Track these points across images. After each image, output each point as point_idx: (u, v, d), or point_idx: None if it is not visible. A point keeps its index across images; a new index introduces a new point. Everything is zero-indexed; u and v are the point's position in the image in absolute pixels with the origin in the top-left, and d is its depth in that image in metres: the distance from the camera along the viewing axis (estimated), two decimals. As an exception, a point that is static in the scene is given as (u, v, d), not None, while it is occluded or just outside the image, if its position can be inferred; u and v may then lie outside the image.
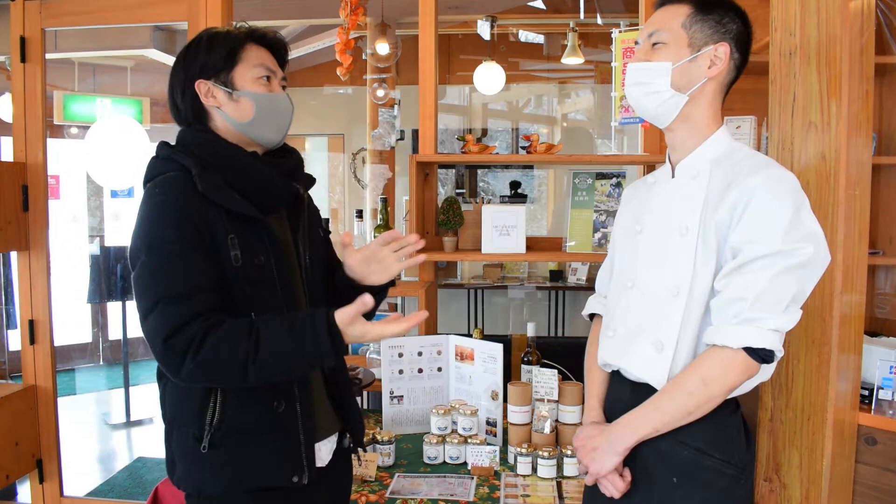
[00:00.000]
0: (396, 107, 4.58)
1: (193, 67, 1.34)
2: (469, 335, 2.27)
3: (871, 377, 2.08)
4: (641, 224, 1.37)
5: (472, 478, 1.90)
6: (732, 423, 1.29)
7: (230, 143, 1.34)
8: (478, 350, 2.16)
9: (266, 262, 1.30)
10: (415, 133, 5.24)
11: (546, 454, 1.88)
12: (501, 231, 2.46)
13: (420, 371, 2.23)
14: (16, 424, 2.59)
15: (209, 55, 1.33)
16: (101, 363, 6.15)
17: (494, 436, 2.11)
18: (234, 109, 1.34)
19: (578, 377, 2.16)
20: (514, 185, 6.04)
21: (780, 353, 1.20)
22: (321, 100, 6.34)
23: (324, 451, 1.41)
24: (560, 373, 2.13)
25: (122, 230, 5.09)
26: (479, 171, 6.25)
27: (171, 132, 1.39)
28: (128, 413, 4.70)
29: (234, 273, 1.25)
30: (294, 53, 1.47)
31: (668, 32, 1.28)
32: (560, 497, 1.79)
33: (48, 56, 2.66)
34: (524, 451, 1.91)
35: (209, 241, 1.24)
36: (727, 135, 1.32)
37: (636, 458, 1.29)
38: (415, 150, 5.38)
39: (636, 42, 1.36)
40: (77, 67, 5.15)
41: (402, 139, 5.02)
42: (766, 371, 1.26)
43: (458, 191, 6.20)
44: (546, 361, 2.25)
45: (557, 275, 5.20)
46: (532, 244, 2.57)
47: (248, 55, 1.35)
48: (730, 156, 1.29)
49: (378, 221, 2.55)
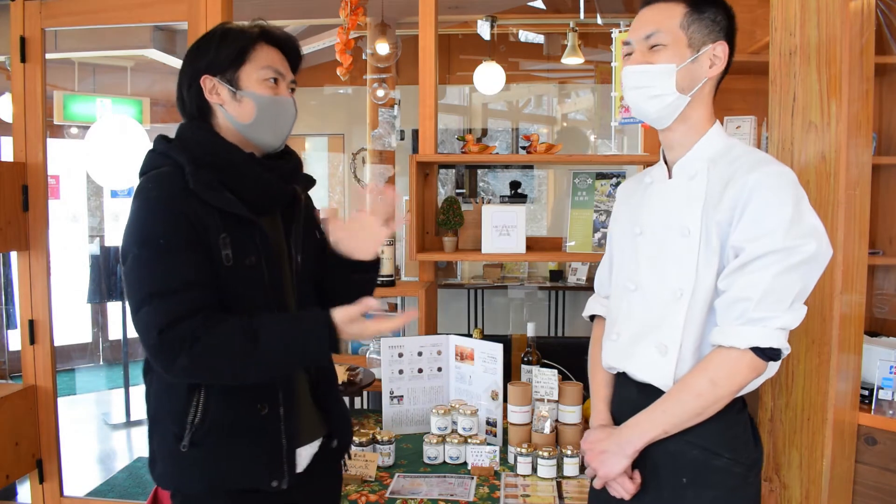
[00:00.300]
0: (396, 107, 4.58)
1: (202, 62, 1.32)
2: (469, 335, 2.27)
3: (871, 377, 2.08)
4: (641, 226, 1.36)
5: (472, 478, 1.90)
6: (740, 422, 1.29)
7: (227, 142, 1.32)
8: (478, 350, 2.16)
9: (257, 264, 1.28)
10: (415, 133, 5.24)
11: (546, 454, 1.88)
12: (501, 231, 2.46)
13: (420, 371, 2.23)
14: (16, 424, 2.59)
15: (219, 51, 1.31)
16: (101, 363, 6.14)
17: (494, 436, 2.11)
18: (236, 109, 1.32)
19: (578, 377, 2.16)
20: (514, 185, 6.04)
21: (787, 351, 1.20)
22: (321, 100, 6.34)
23: (303, 457, 1.39)
24: (560, 373, 2.12)
25: (123, 230, 5.09)
26: (479, 171, 6.24)
27: (172, 132, 1.38)
28: (128, 413, 4.70)
29: (226, 272, 1.24)
30: (299, 68, 1.45)
31: (667, 33, 1.25)
32: (560, 497, 1.79)
33: (48, 56, 2.66)
34: (524, 451, 1.91)
35: (203, 238, 1.23)
36: (721, 132, 1.31)
37: (645, 460, 1.29)
38: (415, 150, 5.38)
39: (626, 43, 1.32)
40: (77, 67, 5.15)
41: (403, 139, 5.02)
42: (773, 368, 1.26)
43: (458, 191, 6.20)
44: (546, 361, 2.25)
45: (557, 275, 5.20)
46: (532, 244, 2.57)
47: (258, 55, 1.33)
48: (726, 153, 1.28)
49: (378, 221, 2.55)
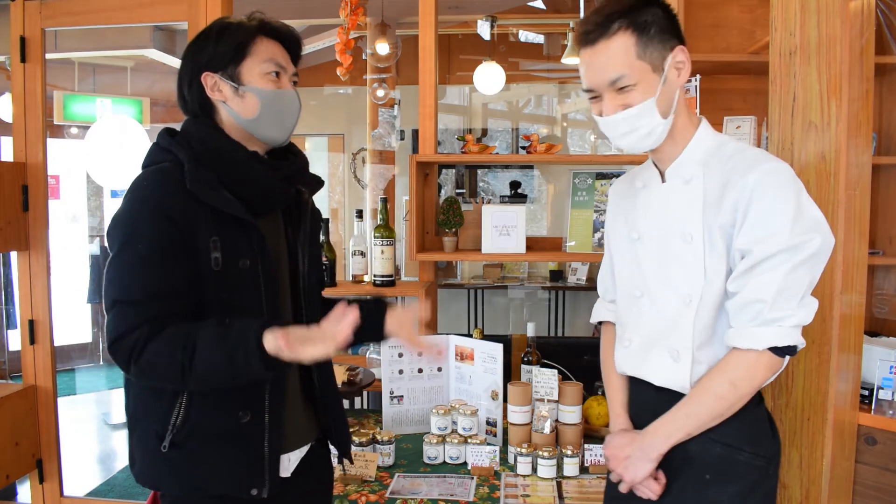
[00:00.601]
0: (396, 107, 4.58)
1: (201, 58, 1.30)
2: (469, 335, 2.27)
3: (871, 377, 2.08)
4: (638, 231, 1.36)
5: (472, 478, 1.90)
6: (759, 416, 1.30)
7: (230, 140, 1.30)
8: (478, 350, 2.16)
9: (252, 266, 1.26)
10: (415, 133, 5.24)
11: (546, 454, 1.88)
12: (501, 231, 2.46)
13: (420, 371, 2.23)
14: (16, 424, 2.59)
15: (217, 47, 1.29)
16: (101, 363, 6.14)
17: (494, 436, 2.11)
18: (239, 105, 1.30)
19: (578, 377, 2.16)
20: (514, 185, 6.04)
21: (802, 345, 1.22)
22: (321, 100, 6.34)
23: (291, 461, 1.37)
24: (560, 373, 2.12)
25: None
26: (479, 171, 6.24)
27: (172, 133, 1.38)
28: (128, 413, 4.70)
29: (213, 277, 1.22)
30: (300, 60, 1.44)
31: (630, 70, 1.19)
32: (560, 497, 1.79)
33: (48, 56, 2.66)
34: (524, 451, 1.91)
35: (188, 243, 1.20)
36: (708, 130, 1.30)
37: (667, 458, 1.29)
38: (415, 150, 5.38)
39: (589, 90, 1.24)
40: (77, 67, 5.15)
41: (403, 139, 5.02)
42: (785, 361, 1.27)
43: (458, 191, 6.20)
44: (546, 361, 2.25)
45: (557, 275, 5.20)
46: (532, 244, 2.57)
47: (258, 49, 1.30)
48: (717, 152, 1.26)
49: (378, 221, 2.55)
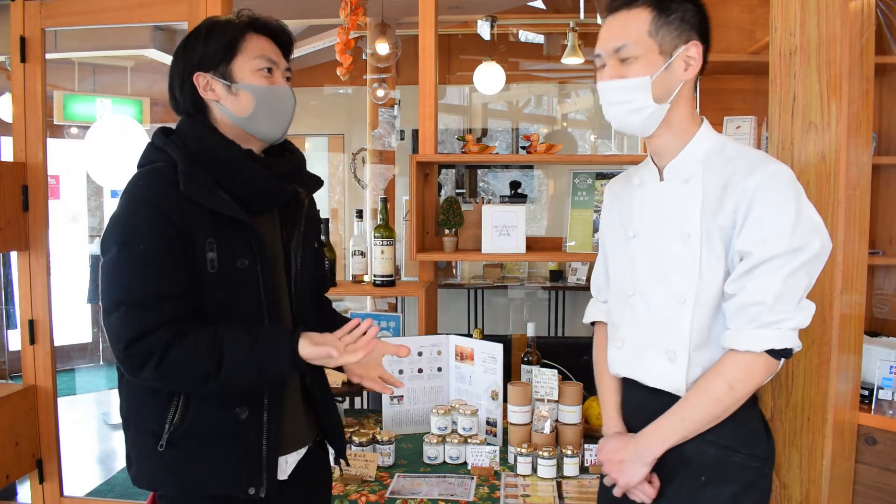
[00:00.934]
0: (396, 107, 4.58)
1: (192, 58, 1.29)
2: (469, 335, 2.27)
3: (871, 377, 2.08)
4: (633, 229, 1.35)
5: (472, 478, 1.90)
6: (753, 417, 1.30)
7: (224, 139, 1.28)
8: (478, 350, 2.16)
9: (250, 266, 1.25)
10: (415, 133, 5.24)
11: (546, 454, 1.88)
12: (501, 231, 2.46)
13: (420, 371, 2.23)
14: (16, 424, 2.59)
15: (207, 46, 1.27)
16: (101, 363, 6.14)
17: (494, 436, 2.11)
18: (233, 103, 1.29)
19: (578, 377, 2.16)
20: (514, 185, 6.04)
21: (798, 348, 1.22)
22: (321, 100, 6.34)
23: (288, 464, 1.37)
24: (560, 373, 2.12)
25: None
26: (479, 171, 6.24)
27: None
28: (128, 413, 4.70)
29: (209, 278, 1.21)
30: (294, 53, 1.42)
31: (637, 44, 1.21)
32: (560, 497, 1.79)
33: (48, 56, 2.66)
34: (524, 451, 1.91)
35: (187, 244, 1.19)
36: (710, 131, 1.30)
37: (662, 461, 1.28)
38: (415, 150, 5.38)
39: (596, 55, 1.28)
40: (77, 67, 5.15)
41: (403, 139, 5.02)
42: (780, 365, 1.27)
43: (458, 191, 6.20)
44: (546, 361, 2.24)
45: (557, 275, 5.20)
46: (532, 244, 2.57)
47: (249, 45, 1.29)
48: (719, 153, 1.26)
49: (378, 221, 2.55)
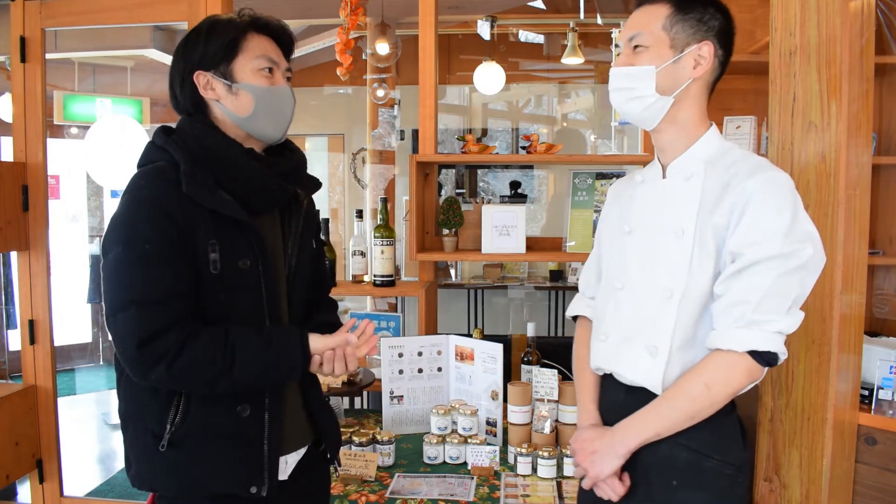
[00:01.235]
0: (396, 107, 4.58)
1: (193, 57, 1.28)
2: (469, 335, 2.27)
3: (871, 377, 2.08)
4: (630, 224, 1.35)
5: (472, 478, 1.90)
6: (730, 423, 1.29)
7: (226, 138, 1.28)
8: (478, 350, 2.16)
9: (252, 266, 1.25)
10: (415, 133, 5.24)
11: (546, 454, 1.88)
12: (501, 231, 2.46)
13: (420, 371, 2.23)
14: (16, 424, 2.59)
15: (208, 45, 1.27)
16: (101, 363, 6.14)
17: (494, 436, 2.11)
18: (234, 103, 1.28)
19: (578, 377, 2.16)
20: (514, 185, 6.04)
21: (784, 356, 1.20)
22: (321, 100, 6.34)
23: (289, 464, 1.37)
24: (560, 373, 2.12)
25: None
26: (479, 171, 6.25)
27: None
28: (128, 413, 4.70)
29: (210, 279, 1.22)
30: (294, 53, 1.42)
31: (649, 35, 1.25)
32: (560, 497, 1.79)
33: (48, 56, 2.66)
34: (524, 451, 1.91)
35: (188, 243, 1.20)
36: (717, 135, 1.31)
37: (634, 462, 1.28)
38: (415, 150, 5.38)
39: (616, 45, 1.34)
40: (77, 67, 5.15)
41: (403, 139, 5.02)
42: (763, 372, 1.26)
43: (458, 191, 6.20)
44: (546, 361, 2.24)
45: (557, 275, 5.20)
46: (532, 244, 2.57)
47: (250, 45, 1.29)
48: (722, 157, 1.27)
49: (378, 221, 2.55)
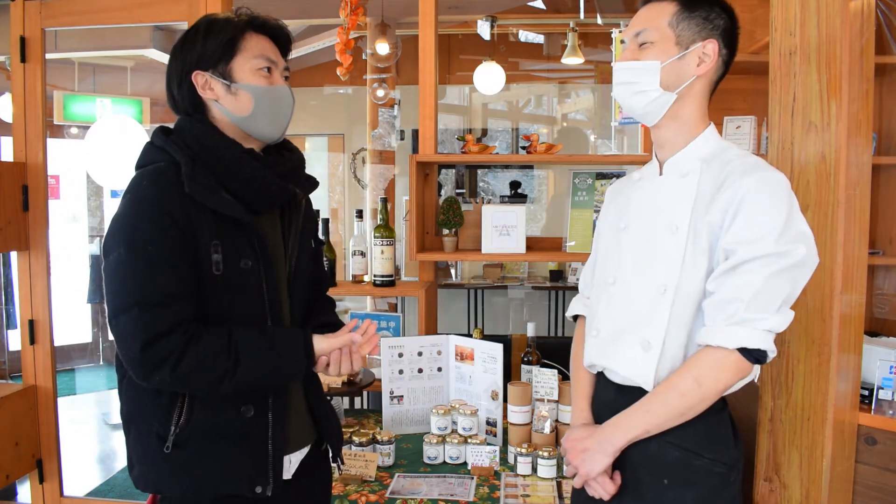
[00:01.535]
0: (396, 107, 4.58)
1: (191, 57, 1.28)
2: (469, 335, 2.27)
3: (871, 377, 2.08)
4: (626, 221, 1.36)
5: (472, 478, 1.90)
6: (721, 422, 1.29)
7: (225, 138, 1.28)
8: (478, 350, 2.16)
9: (254, 267, 1.25)
10: (415, 133, 5.24)
11: (546, 454, 1.88)
12: (501, 231, 2.46)
13: (420, 371, 2.23)
14: (16, 424, 2.59)
15: (206, 44, 1.26)
16: (101, 363, 6.15)
17: (494, 436, 2.11)
18: (232, 103, 1.28)
19: (578, 377, 2.16)
20: (514, 185, 6.04)
21: (773, 354, 1.20)
22: (321, 100, 6.34)
23: (292, 463, 1.37)
24: (560, 373, 2.12)
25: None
26: (479, 171, 6.25)
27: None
28: (128, 413, 4.70)
29: (213, 280, 1.22)
30: (294, 53, 1.41)
31: (655, 31, 1.27)
32: (560, 497, 1.79)
33: (48, 56, 2.66)
34: (524, 451, 1.91)
35: (189, 244, 1.20)
36: (716, 134, 1.32)
37: (625, 461, 1.28)
38: (415, 150, 5.38)
39: (622, 41, 1.34)
40: (77, 67, 5.15)
41: (403, 139, 5.02)
42: (755, 371, 1.26)
43: (458, 191, 6.20)
44: (546, 361, 2.24)
45: (557, 275, 5.20)
46: (532, 244, 2.57)
47: (248, 45, 1.28)
48: (719, 155, 1.28)
49: (378, 221, 2.55)
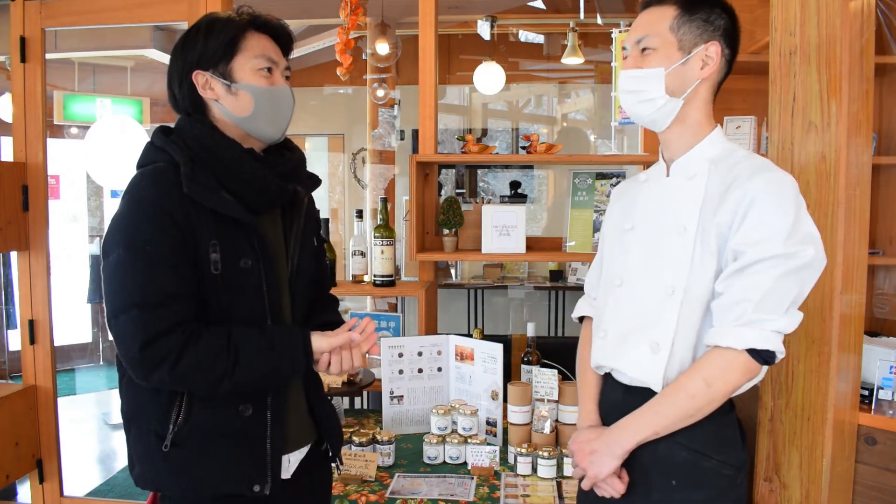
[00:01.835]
0: (396, 107, 4.58)
1: (191, 56, 1.27)
2: (469, 335, 2.27)
3: (871, 377, 2.08)
4: (632, 222, 1.36)
5: (472, 478, 1.90)
6: (728, 424, 1.29)
7: (226, 138, 1.27)
8: (478, 350, 2.16)
9: (253, 266, 1.25)
10: (415, 133, 5.24)
11: (546, 454, 1.88)
12: (501, 231, 2.46)
13: (420, 371, 2.23)
14: (16, 424, 2.59)
15: (207, 44, 1.26)
16: (101, 363, 6.14)
17: (494, 436, 2.11)
18: (233, 103, 1.28)
19: (578, 377, 2.16)
20: (514, 185, 6.04)
21: (782, 355, 1.20)
22: (321, 100, 6.34)
23: (291, 463, 1.37)
24: (560, 373, 2.12)
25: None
26: (479, 171, 6.25)
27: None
28: (128, 413, 4.70)
29: (212, 280, 1.22)
30: (294, 53, 1.41)
31: (657, 37, 1.26)
32: (560, 497, 1.79)
33: (48, 56, 2.66)
34: (524, 451, 1.91)
35: (189, 244, 1.20)
36: (722, 135, 1.32)
37: (633, 461, 1.28)
38: (415, 150, 5.38)
39: (623, 47, 1.33)
40: (77, 67, 5.15)
41: (403, 139, 5.02)
42: (762, 372, 1.26)
43: (458, 191, 6.20)
44: (546, 361, 2.25)
45: (557, 275, 5.20)
46: (532, 244, 2.57)
47: (249, 44, 1.27)
48: (727, 157, 1.28)
49: (378, 221, 2.55)
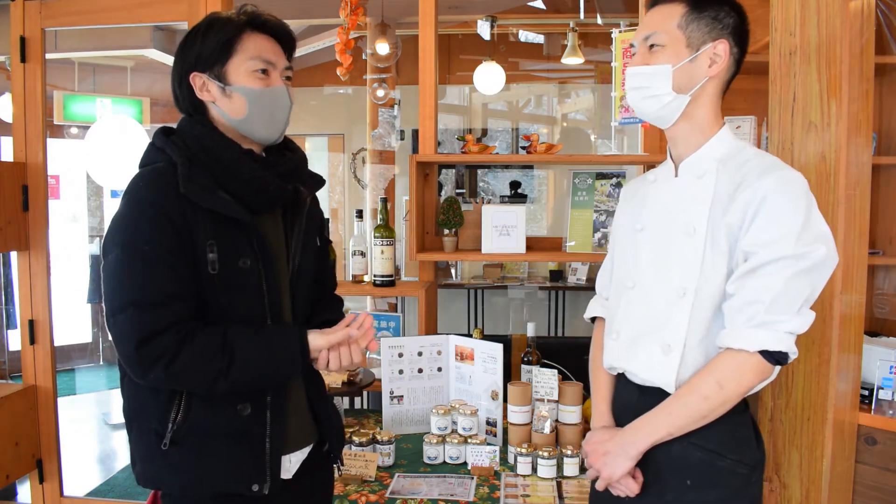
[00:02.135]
0: (396, 107, 4.58)
1: (190, 57, 1.28)
2: (469, 335, 2.27)
3: (871, 377, 2.08)
4: (642, 222, 1.36)
5: (472, 478, 1.90)
6: (743, 423, 1.29)
7: (224, 139, 1.28)
8: (478, 350, 2.16)
9: (252, 266, 1.25)
10: (415, 133, 5.24)
11: (546, 454, 1.88)
12: (501, 231, 2.46)
13: (420, 371, 2.23)
14: (16, 424, 2.59)
15: (204, 45, 1.26)
16: (101, 363, 6.14)
17: (494, 436, 2.11)
18: (228, 105, 1.28)
19: (578, 377, 2.16)
20: (514, 185, 6.04)
21: (794, 355, 1.20)
22: (321, 100, 6.34)
23: (292, 463, 1.37)
24: (560, 373, 2.12)
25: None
26: (479, 171, 6.25)
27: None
28: (128, 413, 4.70)
29: (209, 280, 1.22)
30: (294, 53, 1.42)
31: (665, 34, 1.26)
32: (560, 497, 1.79)
33: (48, 56, 2.66)
34: (524, 451, 1.91)
35: (187, 244, 1.20)
36: (730, 134, 1.31)
37: (647, 461, 1.28)
38: (415, 150, 5.38)
39: (631, 45, 1.34)
40: (77, 67, 5.15)
41: (403, 139, 5.02)
42: (775, 372, 1.26)
43: (458, 191, 6.20)
44: (546, 361, 2.25)
45: (557, 275, 5.20)
46: (532, 244, 2.57)
47: (246, 45, 1.27)
48: (735, 156, 1.27)
49: (378, 221, 2.55)
